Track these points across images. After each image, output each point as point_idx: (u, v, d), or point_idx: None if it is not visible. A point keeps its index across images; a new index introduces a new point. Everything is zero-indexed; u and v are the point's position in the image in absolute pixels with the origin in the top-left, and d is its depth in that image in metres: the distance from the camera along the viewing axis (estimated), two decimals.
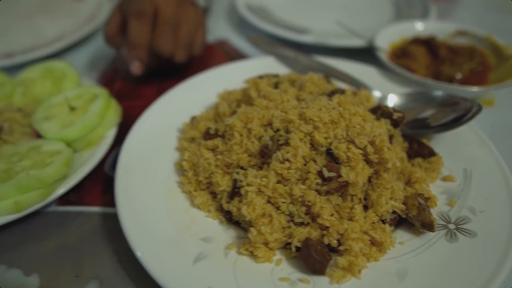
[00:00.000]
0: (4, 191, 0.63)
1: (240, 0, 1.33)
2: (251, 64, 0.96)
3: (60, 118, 0.79)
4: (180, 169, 0.71)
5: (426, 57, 1.00)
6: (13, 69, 0.99)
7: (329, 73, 0.90)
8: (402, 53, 1.02)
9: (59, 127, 0.76)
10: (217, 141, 0.68)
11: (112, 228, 0.67)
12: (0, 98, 0.84)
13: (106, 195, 0.73)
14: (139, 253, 0.55)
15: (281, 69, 0.95)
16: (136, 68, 0.91)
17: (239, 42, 1.24)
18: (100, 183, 0.76)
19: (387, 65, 0.93)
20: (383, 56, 0.97)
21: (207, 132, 0.70)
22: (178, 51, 0.94)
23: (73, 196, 0.73)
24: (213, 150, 0.68)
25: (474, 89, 0.85)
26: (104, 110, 0.79)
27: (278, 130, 0.64)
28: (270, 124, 0.66)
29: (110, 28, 0.94)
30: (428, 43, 1.02)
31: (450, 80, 0.91)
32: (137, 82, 1.03)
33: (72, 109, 0.81)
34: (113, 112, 0.81)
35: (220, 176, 0.64)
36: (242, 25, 1.32)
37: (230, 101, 0.79)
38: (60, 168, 0.67)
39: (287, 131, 0.63)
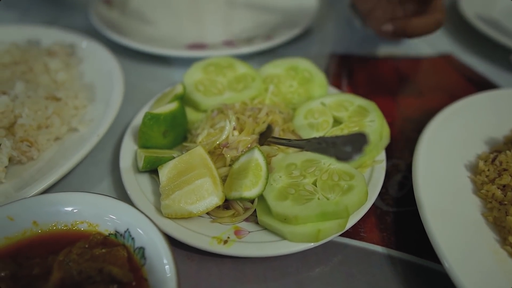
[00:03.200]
0: (307, 214, 0.54)
1: (468, 10, 1.14)
2: None
3: (325, 129, 0.70)
4: (491, 223, 0.58)
5: None
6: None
7: None
8: None
9: None
10: None
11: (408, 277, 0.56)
12: (255, 95, 0.77)
13: (385, 233, 0.62)
14: None
15: None
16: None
17: (467, 58, 1.07)
18: (371, 215, 0.65)
19: None
20: None
21: None
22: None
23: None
24: None
25: None
26: (381, 128, 0.68)
27: None
28: None
29: None
30: None
31: None
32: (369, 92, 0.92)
33: (335, 120, 0.72)
34: (386, 132, 0.70)
35: None
36: (470, 38, 1.13)
37: None
38: (363, 197, 0.57)
39: None
